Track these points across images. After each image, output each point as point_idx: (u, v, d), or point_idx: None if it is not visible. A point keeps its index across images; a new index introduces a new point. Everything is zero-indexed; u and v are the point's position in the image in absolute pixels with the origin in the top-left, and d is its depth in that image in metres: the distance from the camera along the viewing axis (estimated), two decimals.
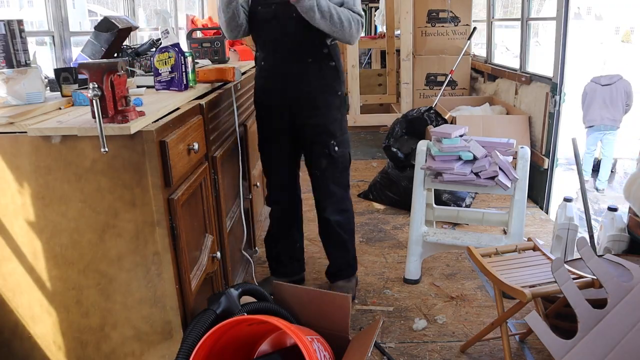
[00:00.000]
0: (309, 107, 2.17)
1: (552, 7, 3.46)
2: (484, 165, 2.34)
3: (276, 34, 2.11)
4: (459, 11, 5.23)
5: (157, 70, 1.87)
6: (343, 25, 2.01)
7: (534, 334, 1.58)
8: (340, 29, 2.01)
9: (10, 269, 1.51)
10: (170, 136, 1.48)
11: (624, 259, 1.74)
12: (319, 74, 2.15)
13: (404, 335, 2.16)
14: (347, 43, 2.12)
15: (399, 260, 2.82)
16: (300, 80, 2.14)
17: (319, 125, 2.19)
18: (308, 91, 2.16)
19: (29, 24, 2.64)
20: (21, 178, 1.42)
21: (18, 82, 1.58)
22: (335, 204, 2.32)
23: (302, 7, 1.93)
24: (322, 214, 2.35)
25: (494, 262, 1.93)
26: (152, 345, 1.56)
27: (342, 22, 2.01)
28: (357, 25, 2.07)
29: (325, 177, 2.27)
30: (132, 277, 1.49)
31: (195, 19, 3.90)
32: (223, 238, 2.05)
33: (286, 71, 2.15)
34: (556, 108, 3.40)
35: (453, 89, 5.29)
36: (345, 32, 2.03)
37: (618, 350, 1.46)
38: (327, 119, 2.20)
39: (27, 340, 1.57)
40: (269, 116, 2.26)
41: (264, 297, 1.77)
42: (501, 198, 3.66)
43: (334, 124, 2.22)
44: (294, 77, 2.14)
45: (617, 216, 2.53)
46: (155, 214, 1.43)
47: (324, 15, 1.97)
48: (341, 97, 2.24)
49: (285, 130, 2.24)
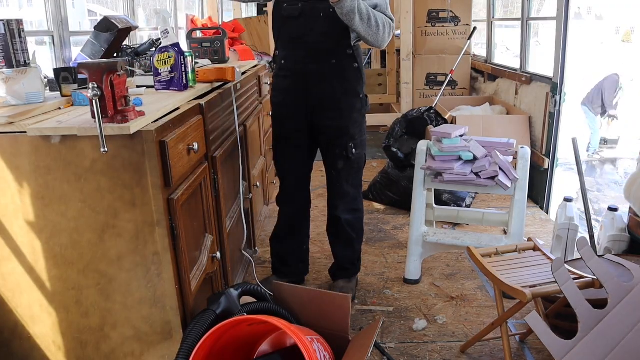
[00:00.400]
0: (331, 108, 2.16)
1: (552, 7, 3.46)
2: (484, 165, 2.34)
3: (301, 33, 2.08)
4: (459, 11, 5.23)
5: (156, 70, 1.87)
6: (379, 28, 2.00)
7: (534, 334, 1.58)
8: (376, 32, 2.00)
9: (10, 269, 1.51)
10: (170, 136, 1.47)
11: (625, 259, 1.74)
12: (342, 75, 2.13)
13: (404, 336, 2.16)
14: (377, 47, 2.11)
15: (399, 260, 2.81)
16: (322, 81, 2.12)
17: (341, 127, 2.18)
18: (331, 92, 2.14)
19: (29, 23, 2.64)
20: (21, 178, 1.42)
21: (18, 82, 1.58)
22: (347, 203, 2.31)
23: (342, 9, 1.90)
24: (333, 212, 2.35)
25: (494, 262, 1.93)
26: (152, 346, 1.56)
27: (378, 26, 1.99)
28: (389, 30, 2.06)
29: (340, 177, 2.27)
30: (132, 277, 1.49)
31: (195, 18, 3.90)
32: (223, 238, 2.05)
33: (308, 71, 2.13)
34: (556, 108, 3.40)
35: (453, 89, 5.29)
36: (379, 35, 2.02)
37: (618, 350, 1.45)
38: (348, 121, 2.18)
39: (27, 340, 1.57)
40: (287, 116, 2.24)
41: (264, 297, 1.77)
42: (501, 198, 3.66)
43: (355, 127, 2.20)
44: (316, 78, 2.12)
45: (617, 216, 2.52)
46: (155, 214, 1.43)
47: (363, 18, 1.95)
48: (362, 99, 2.22)
49: (303, 130, 2.23)
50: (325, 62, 2.11)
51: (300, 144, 2.27)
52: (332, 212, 2.36)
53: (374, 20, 1.98)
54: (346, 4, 1.89)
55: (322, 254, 2.88)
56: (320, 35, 2.05)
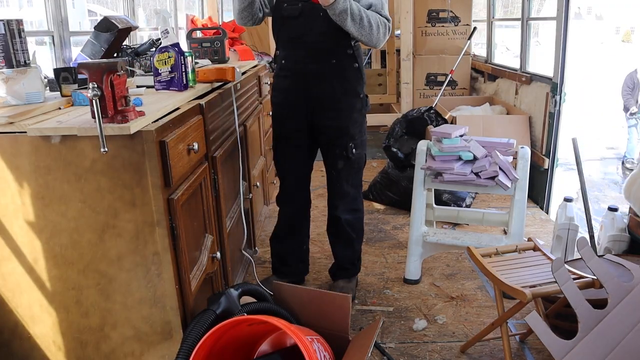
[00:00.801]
0: (331, 108, 2.16)
1: (552, 7, 3.46)
2: (484, 165, 2.34)
3: (300, 32, 2.09)
4: (459, 11, 5.23)
5: (156, 70, 1.87)
6: (372, 29, 1.99)
7: (534, 334, 1.58)
8: (369, 32, 2.00)
9: (10, 269, 1.51)
10: (170, 136, 1.47)
11: (625, 259, 1.74)
12: (342, 75, 2.13)
13: (404, 336, 2.16)
14: (372, 47, 2.11)
15: (399, 260, 2.81)
16: (322, 81, 2.13)
17: (340, 127, 2.18)
18: (331, 92, 2.14)
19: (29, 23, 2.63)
20: (21, 178, 1.42)
21: (18, 82, 1.58)
22: (347, 203, 2.31)
23: (334, 10, 1.91)
24: (333, 212, 2.35)
25: (494, 262, 1.93)
26: (152, 346, 1.56)
27: (372, 26, 1.99)
28: (384, 30, 2.05)
29: (340, 177, 2.27)
30: (132, 277, 1.49)
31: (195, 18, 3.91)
32: (223, 238, 2.05)
33: (308, 71, 2.13)
34: (556, 108, 3.40)
35: (453, 89, 5.29)
36: (373, 36, 2.01)
37: (618, 350, 1.45)
38: (348, 121, 2.18)
39: (27, 340, 1.57)
40: (287, 116, 2.24)
41: (264, 297, 1.77)
42: (501, 198, 3.66)
43: (355, 127, 2.20)
44: (316, 78, 2.13)
45: (617, 216, 2.52)
46: (155, 214, 1.43)
47: (355, 19, 1.95)
48: (363, 99, 2.22)
49: (303, 130, 2.23)
50: (325, 62, 2.11)
51: (300, 144, 2.27)
52: (332, 212, 2.36)
53: (367, 21, 1.98)
54: (338, 5, 1.90)
55: (322, 254, 2.88)
56: (320, 35, 2.05)
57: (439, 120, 3.80)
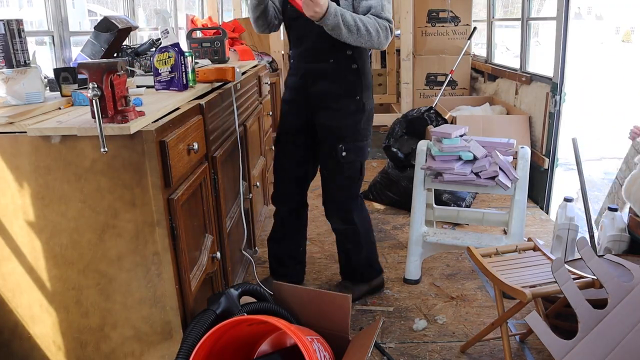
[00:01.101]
0: (327, 108, 2.17)
1: (552, 7, 3.46)
2: (484, 165, 2.34)
3: (302, 33, 2.14)
4: (459, 11, 5.23)
5: (156, 70, 1.87)
6: (371, 35, 1.98)
7: (534, 334, 1.58)
8: (368, 39, 1.99)
9: (10, 269, 1.51)
10: (170, 136, 1.47)
11: (625, 259, 1.74)
12: (339, 75, 2.14)
13: (404, 336, 2.16)
14: (375, 49, 2.12)
15: (399, 260, 2.81)
16: (321, 80, 2.15)
17: (331, 127, 2.18)
18: (325, 91, 2.15)
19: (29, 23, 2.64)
20: (21, 178, 1.42)
21: (17, 82, 1.58)
22: (338, 211, 2.31)
23: (327, 25, 1.92)
24: (328, 218, 2.37)
25: (494, 262, 1.93)
26: (152, 346, 1.55)
27: (370, 33, 1.98)
28: (385, 33, 2.03)
29: (328, 179, 2.27)
30: (132, 277, 1.49)
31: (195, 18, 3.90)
32: (223, 238, 2.05)
33: (308, 69, 2.17)
34: (556, 108, 3.40)
35: (453, 89, 5.29)
36: (374, 41, 2.00)
37: (618, 350, 1.45)
38: (338, 121, 2.17)
39: (27, 340, 1.57)
40: (290, 113, 2.28)
41: (264, 297, 1.77)
42: (501, 198, 3.66)
43: (347, 129, 2.18)
44: (314, 76, 2.16)
45: (617, 216, 2.52)
46: (155, 214, 1.43)
47: (351, 30, 1.94)
48: (358, 102, 2.17)
49: (302, 129, 2.25)
50: (324, 61, 2.13)
51: (299, 143, 2.27)
52: (327, 217, 2.37)
53: (365, 29, 1.96)
54: (329, 21, 1.89)
55: (322, 254, 2.88)
56: (318, 35, 2.06)
57: (439, 120, 3.80)
